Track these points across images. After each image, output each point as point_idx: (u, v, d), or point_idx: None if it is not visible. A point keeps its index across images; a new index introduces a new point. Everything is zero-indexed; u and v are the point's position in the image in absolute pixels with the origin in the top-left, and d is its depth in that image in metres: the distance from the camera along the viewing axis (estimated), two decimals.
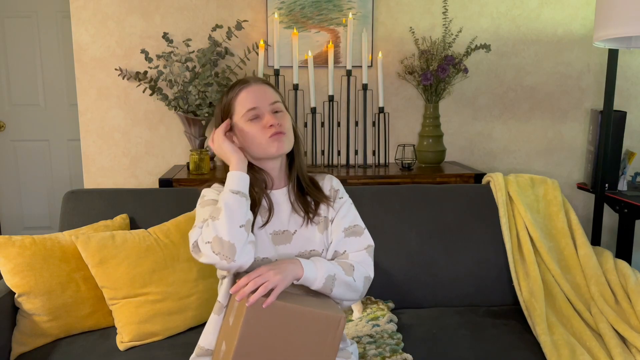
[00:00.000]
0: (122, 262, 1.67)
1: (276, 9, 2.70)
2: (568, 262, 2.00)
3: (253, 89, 1.32)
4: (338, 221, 1.37)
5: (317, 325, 1.17)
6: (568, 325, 1.79)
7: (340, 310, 1.23)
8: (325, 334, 1.17)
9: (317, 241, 1.35)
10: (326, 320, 1.17)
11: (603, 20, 2.09)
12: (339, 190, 1.42)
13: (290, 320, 1.15)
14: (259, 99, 1.31)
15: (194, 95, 2.47)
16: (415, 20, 2.80)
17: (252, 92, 1.32)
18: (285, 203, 1.36)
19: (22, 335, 1.65)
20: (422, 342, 1.69)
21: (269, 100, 1.32)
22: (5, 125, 3.78)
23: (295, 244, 1.34)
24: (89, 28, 2.70)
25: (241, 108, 1.31)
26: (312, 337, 1.17)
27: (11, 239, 1.66)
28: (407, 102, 2.87)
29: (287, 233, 1.34)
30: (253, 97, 1.31)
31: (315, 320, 1.16)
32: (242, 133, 1.32)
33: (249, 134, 1.30)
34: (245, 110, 1.30)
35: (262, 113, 1.31)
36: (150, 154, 2.81)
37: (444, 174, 2.49)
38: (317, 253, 1.34)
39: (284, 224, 1.35)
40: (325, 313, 1.17)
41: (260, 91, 1.32)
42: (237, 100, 1.32)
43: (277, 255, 1.32)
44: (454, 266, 1.98)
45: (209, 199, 1.31)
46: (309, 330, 1.16)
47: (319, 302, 1.22)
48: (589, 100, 2.94)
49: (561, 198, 2.09)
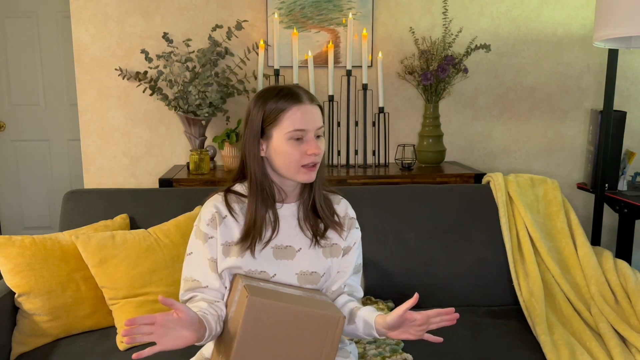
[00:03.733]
0: (122, 262, 1.67)
1: (276, 9, 2.70)
2: (568, 262, 2.00)
3: (307, 109, 1.25)
4: (351, 258, 1.38)
5: (317, 326, 1.17)
6: (568, 325, 1.79)
7: (340, 310, 1.23)
8: (325, 334, 1.17)
9: (321, 264, 1.33)
10: (325, 321, 1.17)
11: (603, 20, 2.09)
12: (354, 219, 1.40)
13: (290, 321, 1.15)
14: (309, 122, 1.24)
15: (194, 95, 2.47)
16: (415, 20, 2.80)
17: (305, 113, 1.24)
18: (293, 219, 1.34)
19: (22, 335, 1.65)
20: (422, 342, 1.68)
21: (317, 124, 1.26)
22: (5, 125, 3.78)
23: (298, 262, 1.32)
24: (89, 28, 2.70)
25: (288, 124, 1.23)
26: (311, 337, 1.17)
27: (11, 239, 1.66)
28: (407, 102, 2.87)
29: (291, 249, 1.32)
30: (304, 119, 1.24)
31: (314, 320, 1.16)
32: (277, 148, 1.25)
33: (286, 153, 1.24)
34: (292, 129, 1.23)
35: (306, 137, 1.25)
36: (150, 154, 2.81)
37: (444, 174, 2.49)
38: (317, 276, 1.32)
39: (289, 239, 1.32)
40: (324, 313, 1.17)
41: (313, 114, 1.25)
42: (287, 115, 1.23)
43: (276, 270, 1.30)
44: (454, 266, 1.98)
45: (202, 232, 1.30)
46: (308, 331, 1.16)
47: (318, 302, 1.22)
48: (589, 100, 2.94)
49: (561, 198, 2.09)
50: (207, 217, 1.31)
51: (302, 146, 1.24)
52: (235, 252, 1.29)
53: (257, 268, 1.29)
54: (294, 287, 1.30)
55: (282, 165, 1.26)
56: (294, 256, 1.32)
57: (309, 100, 1.26)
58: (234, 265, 1.29)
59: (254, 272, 1.28)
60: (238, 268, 1.29)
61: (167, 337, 1.08)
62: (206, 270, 1.29)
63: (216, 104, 2.51)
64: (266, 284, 1.24)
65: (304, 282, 1.31)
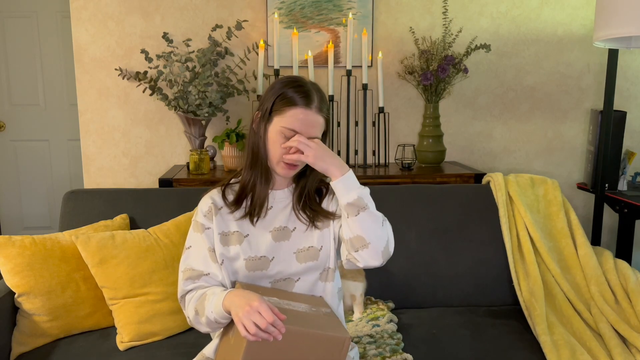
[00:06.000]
0: (122, 262, 1.67)
1: (276, 9, 2.70)
2: (568, 262, 2.00)
3: (311, 116, 1.27)
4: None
5: (322, 347, 1.15)
6: (568, 325, 1.79)
7: (345, 330, 1.21)
8: (331, 354, 1.15)
9: (315, 238, 1.35)
10: (331, 342, 1.15)
11: (603, 20, 2.09)
12: None
13: (295, 343, 1.13)
14: (305, 128, 1.27)
15: (194, 95, 2.47)
16: (415, 20, 2.80)
17: (306, 119, 1.27)
18: (286, 202, 1.37)
19: (22, 335, 1.65)
20: (422, 342, 1.69)
21: (311, 134, 1.28)
22: (5, 125, 3.78)
23: (294, 242, 1.34)
24: (89, 28, 2.70)
25: (286, 120, 1.27)
26: (317, 357, 1.15)
27: (11, 239, 1.66)
28: (407, 102, 2.87)
29: (287, 230, 1.35)
30: (302, 123, 1.26)
31: (320, 341, 1.14)
32: (270, 133, 1.29)
33: (273, 143, 1.28)
34: (287, 125, 1.27)
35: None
36: (150, 154, 2.81)
37: (444, 174, 2.49)
38: (315, 250, 1.34)
39: (284, 220, 1.35)
40: (329, 335, 1.15)
41: (314, 123, 1.28)
42: (291, 111, 1.27)
43: (275, 253, 1.32)
44: (454, 266, 1.98)
45: (199, 223, 1.32)
46: (314, 352, 1.14)
47: (323, 321, 1.19)
48: (589, 100, 2.94)
49: (561, 198, 2.09)
50: (203, 209, 1.34)
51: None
52: (234, 241, 1.31)
53: (256, 254, 1.30)
54: (296, 295, 1.30)
55: (269, 151, 1.30)
56: (289, 236, 1.34)
57: (317, 108, 1.28)
58: (233, 255, 1.30)
59: (253, 259, 1.30)
60: (237, 256, 1.30)
61: None
62: (206, 260, 1.30)
63: (216, 104, 2.51)
64: (270, 298, 1.22)
65: (304, 260, 1.32)
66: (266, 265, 1.31)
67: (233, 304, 1.15)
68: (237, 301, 1.14)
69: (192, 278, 1.29)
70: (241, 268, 1.30)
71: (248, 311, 1.10)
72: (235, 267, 1.31)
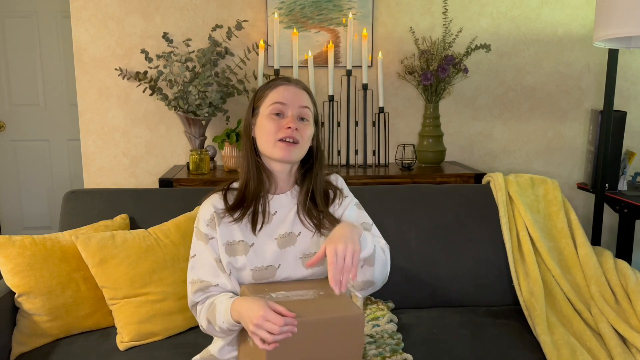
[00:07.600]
0: (122, 262, 1.67)
1: (276, 8, 2.70)
2: (568, 262, 2.00)
3: (291, 88, 1.31)
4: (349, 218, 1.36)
5: (339, 328, 1.16)
6: (568, 325, 1.79)
7: (358, 307, 1.21)
8: (349, 334, 1.17)
9: (321, 242, 1.34)
10: (346, 322, 1.16)
11: (603, 20, 2.09)
12: (342, 189, 1.42)
13: (312, 333, 1.14)
14: (290, 98, 1.29)
15: (194, 95, 2.47)
16: (415, 20, 2.80)
17: (288, 90, 1.30)
18: (290, 207, 1.35)
19: (22, 335, 1.65)
20: (422, 342, 1.69)
21: (300, 103, 1.29)
22: (5, 125, 3.78)
23: (300, 246, 1.33)
24: (89, 28, 2.70)
25: (271, 98, 1.29)
26: (336, 340, 1.16)
27: (11, 239, 1.66)
28: (407, 102, 2.87)
29: (292, 235, 1.33)
30: (286, 94, 1.29)
31: (335, 324, 1.16)
32: (259, 122, 1.30)
33: (264, 128, 1.28)
34: (272, 102, 1.28)
35: (286, 112, 1.29)
36: (150, 154, 2.81)
37: (444, 174, 2.49)
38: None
39: (289, 226, 1.33)
40: (343, 315, 1.16)
41: (296, 93, 1.30)
42: (273, 91, 1.30)
43: (281, 260, 1.31)
44: (454, 266, 1.98)
45: (202, 233, 1.31)
46: (333, 335, 1.16)
47: (334, 303, 1.21)
48: (589, 100, 2.94)
49: (561, 198, 2.09)
50: (205, 217, 1.31)
51: (281, 121, 1.28)
52: (240, 251, 1.30)
53: (262, 264, 1.29)
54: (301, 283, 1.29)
55: (262, 139, 1.30)
56: (295, 241, 1.33)
57: (296, 83, 1.32)
58: (240, 265, 1.29)
59: (260, 269, 1.29)
60: (243, 267, 1.29)
61: None
62: (214, 270, 1.29)
63: (216, 104, 2.51)
64: (277, 294, 1.23)
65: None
66: (272, 273, 1.31)
67: (241, 317, 1.15)
68: (244, 312, 1.14)
69: (201, 289, 1.29)
70: (248, 278, 1.30)
71: (257, 324, 1.09)
72: (242, 277, 1.31)
